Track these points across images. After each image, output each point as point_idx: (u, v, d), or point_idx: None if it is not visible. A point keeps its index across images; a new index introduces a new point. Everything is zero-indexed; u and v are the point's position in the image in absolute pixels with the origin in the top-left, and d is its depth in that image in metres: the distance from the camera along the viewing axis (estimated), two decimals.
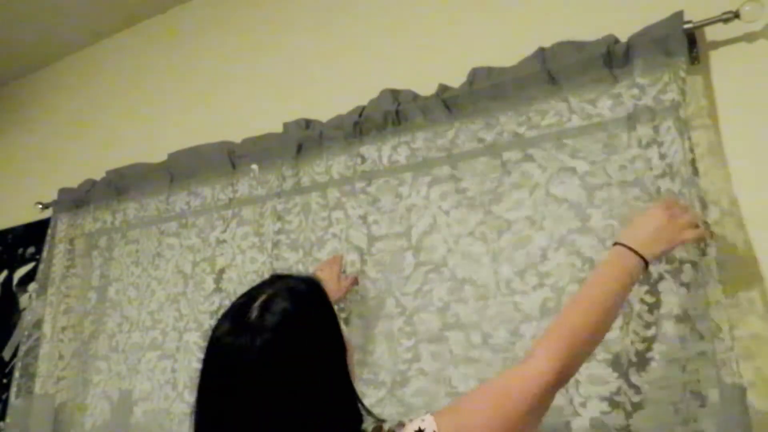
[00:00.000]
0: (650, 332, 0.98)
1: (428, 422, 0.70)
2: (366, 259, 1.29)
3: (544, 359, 0.74)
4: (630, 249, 0.86)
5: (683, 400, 0.93)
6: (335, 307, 0.84)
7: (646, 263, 0.86)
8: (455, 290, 1.17)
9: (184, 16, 2.08)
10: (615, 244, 0.88)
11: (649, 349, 0.97)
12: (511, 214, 1.16)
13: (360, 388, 1.20)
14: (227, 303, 1.44)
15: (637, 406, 0.96)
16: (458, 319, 1.15)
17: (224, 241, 1.53)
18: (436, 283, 1.20)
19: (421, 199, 1.26)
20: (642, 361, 0.97)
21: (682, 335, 0.95)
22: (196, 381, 0.78)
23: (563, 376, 0.75)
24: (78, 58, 2.39)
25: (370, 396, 1.20)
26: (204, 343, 0.78)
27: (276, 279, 0.83)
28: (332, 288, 1.18)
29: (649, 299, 0.99)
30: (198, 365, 1.37)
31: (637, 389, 0.96)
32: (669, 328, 0.97)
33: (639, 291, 0.99)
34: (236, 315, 0.76)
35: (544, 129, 1.16)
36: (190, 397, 1.40)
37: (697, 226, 0.90)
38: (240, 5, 1.92)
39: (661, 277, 0.99)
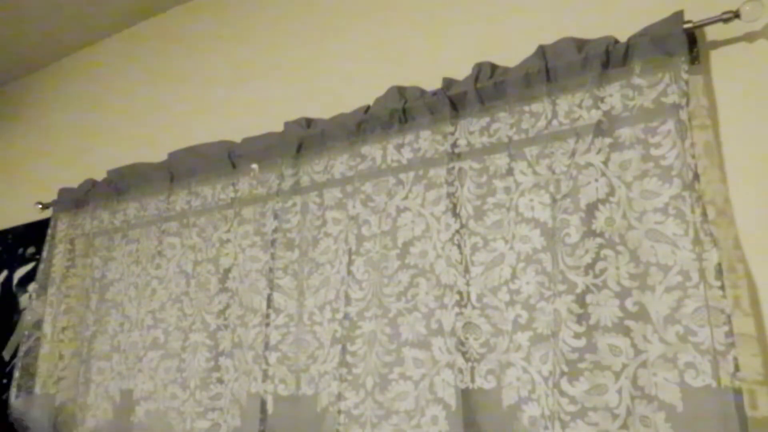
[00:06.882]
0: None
1: None
2: (354, 258, 1.29)
3: None
4: None
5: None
6: None
7: None
8: (440, 297, 1.17)
9: (184, 16, 2.08)
10: None
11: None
12: (489, 233, 1.16)
13: (339, 389, 1.21)
14: (233, 302, 1.46)
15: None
16: (441, 325, 1.15)
17: (228, 240, 1.53)
18: (422, 288, 1.20)
19: (417, 205, 1.25)
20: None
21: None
22: (208, 380, 0.80)
23: None
24: (78, 58, 2.39)
25: (349, 399, 1.20)
26: (211, 343, 0.80)
27: None
28: None
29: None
30: (206, 364, 1.39)
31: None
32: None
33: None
34: None
35: (543, 131, 1.15)
36: (203, 395, 1.41)
37: None
38: (240, 4, 1.92)
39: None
